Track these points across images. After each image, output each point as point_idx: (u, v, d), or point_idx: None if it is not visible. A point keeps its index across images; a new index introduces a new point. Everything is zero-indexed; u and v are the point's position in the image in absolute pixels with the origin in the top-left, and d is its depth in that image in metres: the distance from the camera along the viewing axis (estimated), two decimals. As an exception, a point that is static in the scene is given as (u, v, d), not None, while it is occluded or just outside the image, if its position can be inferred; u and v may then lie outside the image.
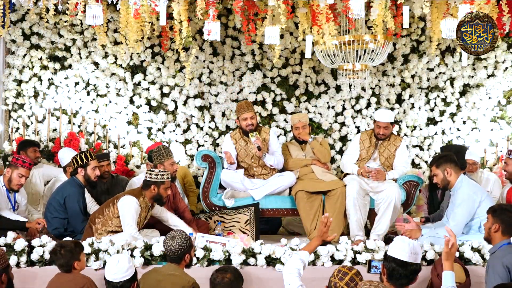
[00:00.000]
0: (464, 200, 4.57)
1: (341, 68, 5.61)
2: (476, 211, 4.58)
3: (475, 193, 4.59)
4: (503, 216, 3.63)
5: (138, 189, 4.79)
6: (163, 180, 4.70)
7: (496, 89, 6.96)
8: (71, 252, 3.77)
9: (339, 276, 3.11)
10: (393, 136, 5.65)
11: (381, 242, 4.59)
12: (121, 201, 4.64)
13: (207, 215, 5.39)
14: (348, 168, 5.56)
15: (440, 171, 4.69)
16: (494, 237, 3.66)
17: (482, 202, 4.57)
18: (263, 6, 5.25)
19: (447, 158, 4.71)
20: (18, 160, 5.04)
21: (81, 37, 6.74)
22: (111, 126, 6.78)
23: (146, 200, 4.72)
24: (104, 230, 4.63)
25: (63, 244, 3.85)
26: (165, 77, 6.83)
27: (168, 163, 5.16)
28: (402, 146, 5.57)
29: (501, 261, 3.45)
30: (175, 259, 3.79)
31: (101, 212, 4.71)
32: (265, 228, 5.97)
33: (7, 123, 6.68)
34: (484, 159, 6.75)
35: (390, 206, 5.16)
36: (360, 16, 4.89)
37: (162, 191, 4.72)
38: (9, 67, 6.73)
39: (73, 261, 3.77)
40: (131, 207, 4.61)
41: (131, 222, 4.59)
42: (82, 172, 5.10)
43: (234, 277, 3.38)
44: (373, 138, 5.61)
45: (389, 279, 3.10)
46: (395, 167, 5.51)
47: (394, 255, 3.07)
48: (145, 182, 4.73)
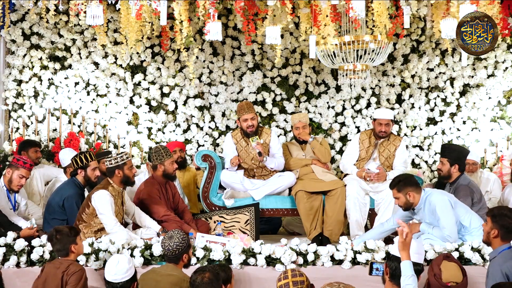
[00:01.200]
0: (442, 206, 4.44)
1: (341, 68, 5.62)
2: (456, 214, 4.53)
3: (443, 193, 4.54)
4: (502, 221, 3.57)
5: (104, 181, 4.78)
6: (124, 161, 4.74)
7: (496, 89, 6.96)
8: (67, 236, 3.83)
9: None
10: (392, 135, 5.65)
11: (381, 242, 4.58)
12: (93, 198, 4.63)
13: (207, 215, 5.39)
14: (348, 169, 5.56)
15: (402, 194, 4.52)
16: (493, 242, 3.62)
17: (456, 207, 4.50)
18: (264, 6, 5.25)
19: (407, 181, 4.53)
20: (18, 161, 5.02)
21: (81, 37, 6.74)
22: (111, 126, 6.78)
23: (116, 187, 4.73)
24: (91, 231, 4.62)
25: (58, 229, 3.90)
26: (165, 77, 6.83)
27: (168, 162, 5.16)
28: (401, 146, 5.57)
29: (500, 268, 3.43)
30: (173, 259, 3.79)
31: (80, 217, 4.69)
32: (265, 228, 5.98)
33: (7, 123, 6.68)
34: (484, 159, 6.75)
35: (390, 206, 5.16)
36: (360, 16, 4.89)
37: (127, 172, 4.75)
38: (9, 67, 6.73)
39: (70, 244, 3.83)
40: (104, 200, 4.60)
41: (108, 214, 4.57)
42: (82, 174, 5.09)
43: (213, 275, 3.38)
44: (372, 138, 5.60)
45: (391, 278, 3.10)
46: (395, 167, 5.51)
47: (397, 254, 3.06)
48: (108, 170, 4.74)
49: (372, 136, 5.61)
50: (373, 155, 5.55)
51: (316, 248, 4.44)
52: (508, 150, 6.71)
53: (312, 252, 4.41)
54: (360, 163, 5.54)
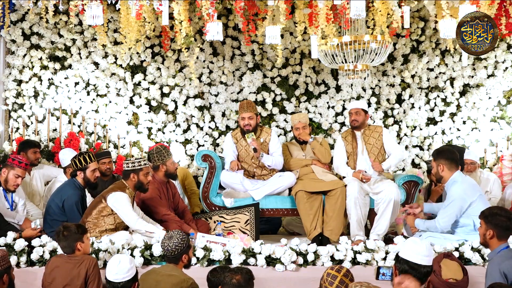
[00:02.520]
0: (454, 199, 4.57)
1: (341, 68, 5.62)
2: (467, 210, 4.56)
3: (466, 193, 4.57)
4: (495, 221, 3.59)
5: (119, 183, 4.80)
6: (141, 167, 4.76)
7: (496, 89, 6.96)
8: (74, 233, 3.89)
9: (328, 280, 3.11)
10: (371, 125, 5.67)
11: (381, 242, 4.59)
12: (110, 199, 4.65)
13: (207, 215, 5.39)
14: (342, 170, 5.54)
15: (435, 164, 4.75)
16: (490, 243, 3.64)
17: (474, 203, 4.54)
18: (264, 6, 5.25)
19: (443, 154, 4.75)
20: (14, 161, 5.01)
21: (81, 37, 6.74)
22: (111, 126, 6.78)
23: (130, 190, 4.75)
24: (98, 231, 4.63)
25: (65, 226, 3.95)
26: (165, 77, 6.83)
27: (169, 162, 5.17)
28: (385, 132, 5.60)
29: (498, 267, 3.43)
30: (172, 260, 3.79)
31: (88, 214, 4.69)
32: (265, 228, 5.97)
33: (7, 123, 6.68)
34: (484, 159, 6.75)
35: (389, 206, 5.16)
36: (360, 16, 4.89)
37: (142, 178, 4.76)
38: (9, 67, 6.73)
39: (76, 242, 3.89)
40: (124, 200, 4.64)
41: (130, 213, 4.63)
42: (81, 175, 5.07)
43: (244, 280, 3.35)
44: (354, 132, 5.61)
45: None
46: (389, 153, 5.49)
47: (407, 257, 3.02)
48: (124, 172, 4.78)
49: (352, 131, 5.62)
50: (358, 147, 5.53)
51: (316, 248, 4.44)
52: (508, 150, 6.71)
53: (312, 252, 4.41)
54: (350, 161, 5.52)
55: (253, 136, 5.43)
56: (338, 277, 3.10)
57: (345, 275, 3.14)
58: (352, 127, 5.60)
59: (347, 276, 3.15)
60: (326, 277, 3.15)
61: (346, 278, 3.13)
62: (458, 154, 4.87)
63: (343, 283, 3.09)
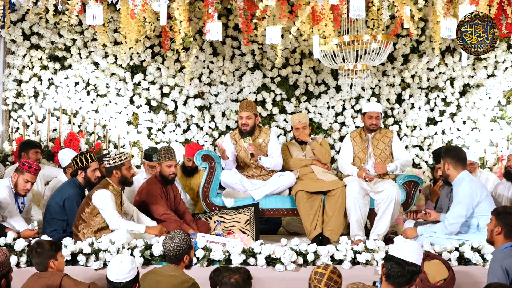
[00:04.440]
0: (463, 199, 4.59)
1: (341, 68, 5.61)
2: (474, 210, 4.59)
3: (474, 192, 4.60)
4: (506, 219, 3.63)
5: (104, 181, 4.82)
6: (122, 162, 4.78)
7: (496, 89, 6.96)
8: (47, 250, 3.79)
9: (317, 278, 3.15)
10: (383, 129, 5.65)
11: (381, 242, 4.59)
12: (94, 197, 4.66)
13: (207, 215, 5.38)
14: (347, 169, 5.52)
15: (442, 162, 4.81)
16: (496, 240, 3.66)
17: (481, 202, 4.58)
18: (263, 6, 5.24)
19: (449, 153, 4.80)
20: (24, 166, 4.97)
21: (81, 37, 6.74)
22: (111, 126, 6.78)
23: (115, 186, 4.76)
24: (91, 231, 4.63)
25: (39, 242, 3.88)
26: (165, 77, 6.83)
27: (164, 164, 5.16)
28: (395, 137, 5.58)
29: (500, 263, 3.45)
30: (174, 260, 3.78)
31: (79, 217, 4.70)
32: (265, 228, 5.97)
33: (7, 123, 6.68)
34: (484, 159, 6.75)
35: (390, 206, 5.15)
36: (360, 16, 4.89)
37: (125, 172, 4.78)
38: (9, 67, 6.73)
39: (49, 260, 3.79)
40: (106, 197, 4.64)
41: (110, 212, 4.62)
42: (82, 174, 5.08)
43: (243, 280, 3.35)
44: (363, 133, 5.58)
45: (387, 278, 3.09)
46: (397, 158, 5.48)
47: (394, 253, 3.07)
48: (106, 170, 4.79)
49: (362, 132, 5.60)
50: (368, 150, 5.53)
51: (316, 248, 4.44)
52: (508, 150, 6.71)
53: (312, 252, 4.41)
54: (355, 161, 5.52)
55: (249, 141, 5.42)
56: (326, 274, 3.14)
57: (332, 271, 3.19)
58: (370, 130, 5.55)
59: (334, 273, 3.19)
60: (314, 275, 3.18)
61: (334, 274, 3.18)
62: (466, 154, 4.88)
63: (331, 280, 3.13)
